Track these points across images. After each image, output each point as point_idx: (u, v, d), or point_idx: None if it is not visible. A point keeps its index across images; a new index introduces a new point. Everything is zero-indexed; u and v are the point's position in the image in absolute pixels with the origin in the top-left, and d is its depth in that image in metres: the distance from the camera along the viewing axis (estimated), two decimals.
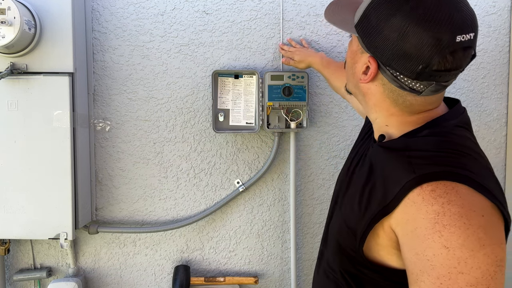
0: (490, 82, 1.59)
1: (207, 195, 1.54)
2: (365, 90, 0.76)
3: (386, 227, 0.68)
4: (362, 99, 0.79)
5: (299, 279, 1.58)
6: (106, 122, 1.48)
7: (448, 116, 0.73)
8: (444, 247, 0.58)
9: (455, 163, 0.64)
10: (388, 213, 0.66)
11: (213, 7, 1.49)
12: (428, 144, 0.68)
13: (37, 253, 1.51)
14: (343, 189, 0.85)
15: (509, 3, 1.56)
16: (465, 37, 0.64)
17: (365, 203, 0.72)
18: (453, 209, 0.59)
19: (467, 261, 0.57)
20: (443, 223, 0.59)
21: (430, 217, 0.60)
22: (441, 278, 0.58)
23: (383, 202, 0.67)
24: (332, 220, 0.88)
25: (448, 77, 0.67)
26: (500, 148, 1.61)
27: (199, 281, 1.50)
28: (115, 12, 1.47)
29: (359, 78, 0.75)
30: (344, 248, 0.78)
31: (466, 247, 0.57)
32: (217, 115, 1.48)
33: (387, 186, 0.68)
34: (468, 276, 0.57)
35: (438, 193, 0.61)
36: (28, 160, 1.31)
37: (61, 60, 1.31)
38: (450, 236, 0.58)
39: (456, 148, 0.67)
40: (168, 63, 1.49)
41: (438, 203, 0.60)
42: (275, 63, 1.52)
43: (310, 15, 1.51)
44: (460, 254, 0.57)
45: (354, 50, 0.76)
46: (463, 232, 0.58)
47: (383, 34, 0.66)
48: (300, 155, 1.56)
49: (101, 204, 1.51)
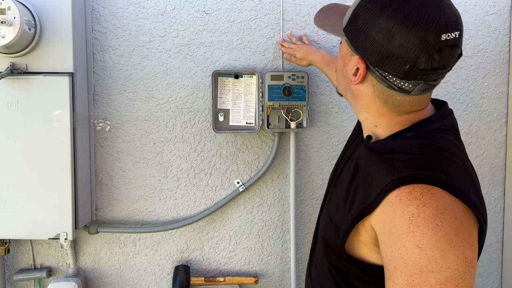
0: (490, 82, 1.59)
1: (207, 195, 1.54)
2: (356, 92, 0.78)
3: (367, 225, 0.71)
4: (353, 101, 0.82)
5: (299, 279, 1.58)
6: (106, 122, 1.48)
7: (433, 119, 0.75)
8: (417, 247, 0.61)
9: (433, 167, 0.66)
10: (369, 213, 0.69)
11: (213, 7, 1.49)
12: (410, 147, 0.70)
13: (37, 253, 1.51)
14: (332, 187, 0.89)
15: (509, 3, 1.56)
16: (450, 35, 0.65)
17: (350, 202, 0.75)
18: (427, 211, 0.62)
19: (438, 261, 0.60)
20: (417, 224, 0.62)
21: (405, 217, 0.63)
22: (413, 276, 0.61)
23: (364, 202, 0.70)
24: (322, 215, 0.91)
25: (436, 76, 0.68)
26: (500, 148, 1.61)
27: (199, 281, 1.50)
28: (115, 12, 1.47)
29: (349, 79, 0.77)
30: (329, 244, 0.81)
31: (438, 248, 0.60)
32: (217, 115, 1.48)
33: (370, 187, 0.70)
34: (438, 275, 0.60)
35: (414, 195, 0.63)
36: (28, 160, 1.31)
37: (61, 60, 1.31)
38: (422, 237, 0.61)
39: (436, 152, 0.69)
40: (168, 63, 1.49)
41: (413, 205, 0.63)
42: (275, 63, 1.52)
43: (310, 15, 1.51)
44: (432, 254, 0.60)
45: (343, 53, 0.79)
46: (435, 233, 0.61)
47: (370, 36, 0.68)
48: (300, 155, 1.56)
49: (101, 204, 1.51)
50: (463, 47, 1.63)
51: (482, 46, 1.57)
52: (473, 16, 1.55)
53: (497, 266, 1.64)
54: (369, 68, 0.72)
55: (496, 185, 1.61)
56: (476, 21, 1.56)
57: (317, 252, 0.91)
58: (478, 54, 1.57)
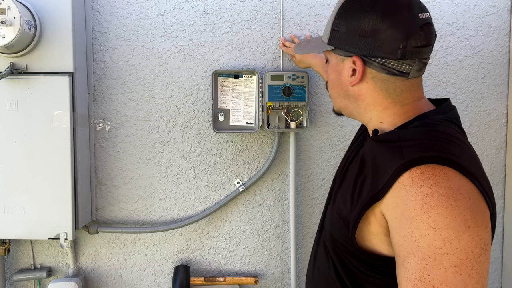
0: (490, 82, 1.59)
1: (207, 195, 1.54)
2: (357, 93, 0.80)
3: (377, 213, 0.70)
4: (354, 106, 0.83)
5: (299, 279, 1.58)
6: (106, 122, 1.48)
7: (437, 111, 0.77)
8: (431, 228, 0.60)
9: (443, 149, 0.67)
10: (379, 199, 0.68)
11: (213, 7, 1.49)
12: (417, 134, 0.71)
13: (37, 253, 1.51)
14: (336, 186, 0.88)
15: (509, 3, 1.56)
16: (425, 14, 0.73)
17: (357, 194, 0.74)
18: (441, 191, 0.61)
19: (452, 242, 0.59)
20: (431, 204, 0.61)
21: (418, 198, 0.62)
22: (427, 259, 0.60)
23: (373, 189, 0.70)
24: (326, 217, 0.90)
25: (426, 54, 0.74)
26: (500, 148, 1.61)
27: (199, 281, 1.50)
28: (115, 12, 1.47)
29: (348, 83, 0.80)
30: (338, 240, 0.80)
31: (452, 228, 0.59)
32: (217, 115, 1.48)
33: (378, 174, 0.70)
34: (452, 257, 0.59)
35: (426, 175, 0.63)
36: (28, 160, 1.31)
37: (61, 60, 1.31)
38: (437, 217, 0.60)
39: (443, 137, 0.70)
40: (168, 63, 1.49)
41: (426, 185, 0.62)
42: (275, 63, 1.52)
43: (310, 15, 1.51)
44: (446, 235, 0.59)
45: (333, 64, 0.82)
46: (450, 213, 0.60)
47: (357, 33, 0.74)
48: (300, 155, 1.56)
49: (101, 204, 1.51)
50: (462, 47, 1.63)
51: (482, 46, 1.57)
52: (473, 16, 1.56)
53: (497, 266, 1.64)
54: (365, 62, 0.76)
55: (496, 185, 1.61)
56: (476, 21, 1.56)
57: (320, 258, 0.90)
58: (478, 54, 1.57)
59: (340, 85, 0.82)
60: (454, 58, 1.57)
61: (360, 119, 0.84)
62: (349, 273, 0.79)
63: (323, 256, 0.87)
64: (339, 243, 0.79)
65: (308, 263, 0.98)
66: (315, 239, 0.96)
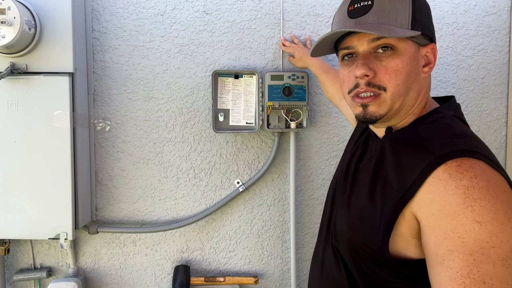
0: (490, 82, 1.59)
1: (207, 195, 1.54)
2: (424, 83, 0.76)
3: (407, 213, 0.67)
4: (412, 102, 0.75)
5: (299, 279, 1.58)
6: (106, 122, 1.48)
7: (446, 107, 0.76)
8: (477, 222, 0.58)
9: (469, 143, 0.65)
10: (410, 199, 0.65)
11: (213, 7, 1.49)
12: (438, 130, 0.69)
13: (37, 253, 1.51)
14: (348, 190, 0.83)
15: (509, 3, 1.56)
16: None
17: (380, 196, 0.71)
18: (481, 183, 0.60)
19: (498, 235, 0.57)
20: (474, 197, 0.59)
21: (459, 192, 0.60)
22: (474, 254, 0.57)
23: (402, 188, 0.67)
24: (337, 221, 0.85)
25: None
26: (500, 148, 1.61)
27: (199, 281, 1.50)
28: (115, 12, 1.47)
29: (421, 74, 0.75)
30: (357, 246, 0.75)
31: (496, 221, 0.58)
32: (217, 115, 1.48)
33: (404, 173, 0.67)
34: (499, 250, 0.57)
35: (464, 168, 0.61)
36: (28, 160, 1.31)
37: (61, 60, 1.31)
38: (481, 210, 0.58)
39: (463, 132, 0.69)
40: (168, 63, 1.49)
41: (466, 178, 0.60)
42: (275, 63, 1.52)
43: (310, 15, 1.51)
44: (491, 228, 0.57)
45: (412, 53, 0.72)
46: (493, 205, 0.58)
47: (429, 14, 0.74)
48: (300, 155, 1.56)
49: (101, 204, 1.51)
50: (462, 47, 1.62)
51: (482, 46, 1.57)
52: (473, 16, 1.55)
53: None
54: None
55: None
56: (476, 21, 1.56)
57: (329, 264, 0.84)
58: (478, 54, 1.57)
59: (416, 77, 0.73)
60: (454, 58, 1.57)
61: (399, 117, 0.76)
62: (366, 279, 0.75)
63: (333, 262, 0.83)
64: (359, 248, 0.75)
65: (312, 268, 0.94)
66: (321, 245, 0.91)
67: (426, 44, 0.74)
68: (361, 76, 0.72)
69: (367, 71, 0.71)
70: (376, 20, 0.70)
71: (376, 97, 0.72)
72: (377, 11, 0.70)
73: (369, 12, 0.70)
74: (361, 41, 0.72)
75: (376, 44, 0.71)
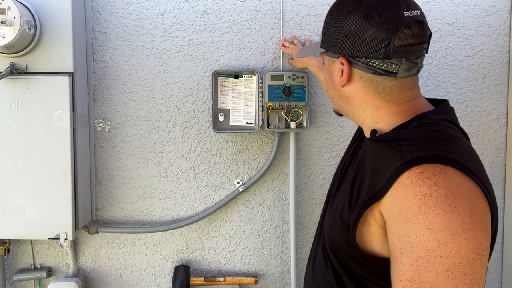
0: (490, 82, 1.59)
1: (207, 195, 1.54)
2: (348, 93, 0.80)
3: (376, 213, 0.69)
4: (348, 107, 0.83)
5: (299, 279, 1.58)
6: (106, 122, 1.48)
7: (436, 111, 0.76)
8: (427, 229, 0.59)
9: (443, 148, 0.65)
10: (378, 199, 0.67)
11: (213, 7, 1.49)
12: (416, 134, 0.70)
13: (37, 253, 1.51)
14: (335, 188, 0.87)
15: (509, 3, 1.56)
16: (412, 12, 0.71)
17: (356, 195, 0.73)
18: (440, 191, 0.60)
19: (447, 244, 0.57)
20: (429, 204, 0.59)
21: (417, 198, 0.61)
22: (419, 261, 0.58)
23: (372, 189, 0.69)
24: (325, 220, 0.88)
25: (415, 53, 0.72)
26: (500, 148, 1.61)
27: (199, 281, 1.50)
28: (115, 12, 1.47)
29: (338, 84, 0.80)
30: (337, 244, 0.78)
31: (448, 230, 0.57)
32: (217, 115, 1.48)
33: (377, 175, 0.69)
34: (446, 260, 0.57)
35: (426, 175, 0.62)
36: (28, 160, 1.31)
37: (61, 60, 1.30)
38: (434, 218, 0.58)
39: (444, 136, 0.68)
40: (168, 63, 1.49)
41: (425, 185, 0.61)
42: (275, 63, 1.52)
43: (310, 15, 1.51)
44: (442, 237, 0.58)
45: (327, 65, 0.83)
46: (447, 214, 0.58)
47: (342, 34, 0.75)
48: (300, 155, 1.56)
49: (101, 204, 1.51)
50: (462, 47, 1.63)
51: (482, 46, 1.57)
52: (473, 16, 1.56)
53: (497, 266, 1.64)
54: (351, 63, 0.76)
55: (496, 185, 1.61)
56: (476, 21, 1.56)
57: (319, 262, 0.88)
58: (478, 54, 1.57)
59: (333, 86, 0.83)
60: (454, 58, 1.57)
61: (356, 120, 0.84)
62: (352, 278, 0.77)
63: (322, 260, 0.86)
64: (339, 246, 0.78)
65: (307, 266, 0.96)
66: (314, 242, 0.94)
67: (337, 57, 0.78)
68: None
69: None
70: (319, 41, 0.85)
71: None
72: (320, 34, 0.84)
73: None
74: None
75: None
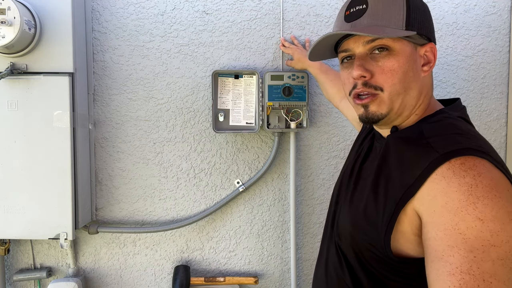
0: (490, 82, 1.59)
1: (207, 195, 1.54)
2: (424, 82, 0.76)
3: (409, 210, 0.67)
4: (413, 102, 0.75)
5: (299, 279, 1.58)
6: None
7: (453, 108, 0.76)
8: (479, 219, 0.58)
9: (473, 143, 0.66)
10: (413, 195, 0.66)
11: (213, 7, 1.49)
12: (442, 128, 0.70)
13: (37, 253, 1.51)
14: (349, 188, 0.85)
15: (509, 3, 1.56)
16: None
17: (383, 193, 0.72)
18: (484, 181, 0.60)
19: (499, 233, 0.57)
20: (477, 195, 0.59)
21: (463, 189, 0.60)
22: (475, 251, 0.58)
23: (404, 185, 0.67)
24: (340, 219, 0.85)
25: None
26: (500, 148, 1.61)
27: (199, 281, 1.50)
28: (115, 12, 1.47)
29: (420, 73, 0.75)
30: (361, 244, 0.76)
31: (498, 220, 0.58)
32: (217, 115, 1.48)
33: (407, 171, 0.68)
34: (499, 249, 0.57)
35: (468, 166, 0.62)
36: (28, 160, 1.31)
37: (61, 60, 1.31)
38: (484, 208, 0.58)
39: (468, 132, 0.69)
40: (168, 63, 1.49)
41: (470, 176, 0.61)
42: (275, 63, 1.52)
43: (310, 15, 1.51)
44: (493, 227, 0.58)
45: (408, 53, 0.73)
46: (495, 204, 0.58)
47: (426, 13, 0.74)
48: (300, 155, 1.56)
49: (101, 204, 1.51)
50: (462, 47, 1.63)
51: (482, 46, 1.57)
52: (473, 16, 1.56)
53: None
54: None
55: None
56: (476, 21, 1.56)
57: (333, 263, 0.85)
58: (478, 54, 1.57)
59: (414, 76, 0.73)
60: (454, 58, 1.57)
61: (402, 117, 0.77)
62: (370, 277, 0.75)
63: (336, 261, 0.84)
64: (362, 245, 0.76)
65: (316, 268, 0.94)
66: (325, 246, 0.91)
67: (424, 44, 0.74)
68: (357, 77, 0.74)
69: (363, 72, 0.73)
70: (371, 22, 0.72)
71: (374, 97, 0.74)
72: (371, 14, 0.72)
73: (364, 15, 0.72)
74: (357, 43, 0.74)
75: (372, 45, 0.73)
